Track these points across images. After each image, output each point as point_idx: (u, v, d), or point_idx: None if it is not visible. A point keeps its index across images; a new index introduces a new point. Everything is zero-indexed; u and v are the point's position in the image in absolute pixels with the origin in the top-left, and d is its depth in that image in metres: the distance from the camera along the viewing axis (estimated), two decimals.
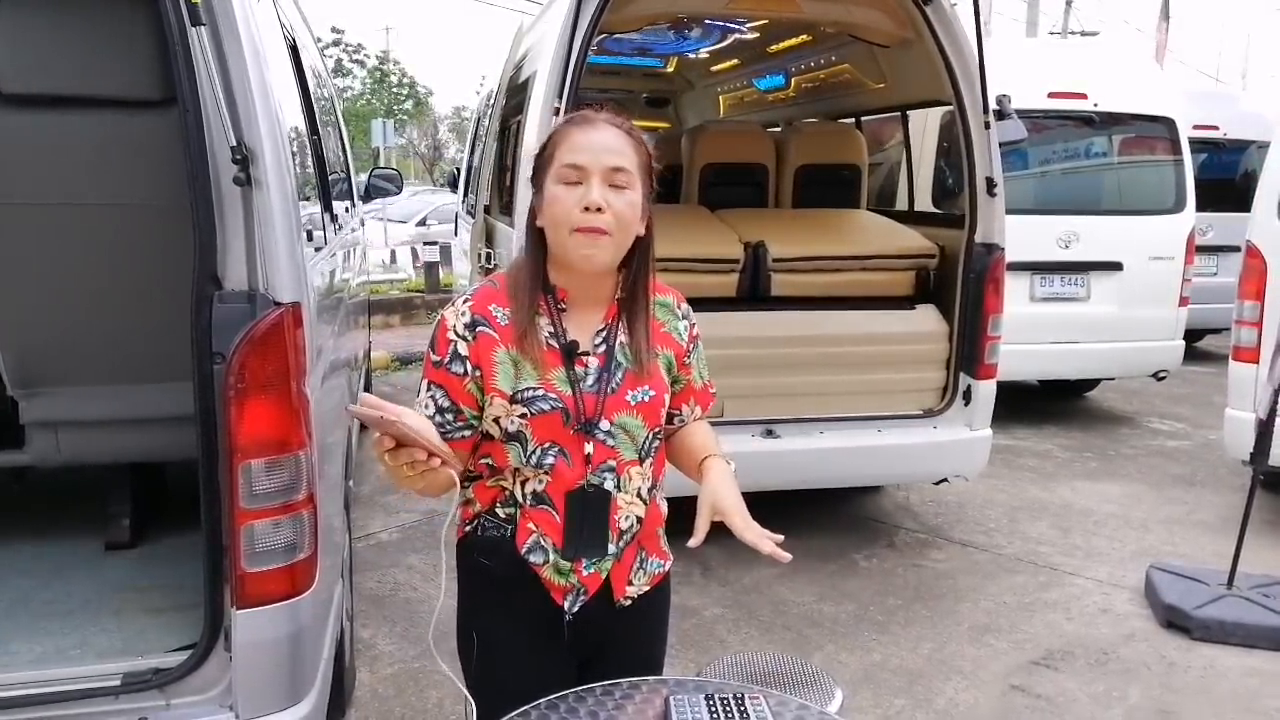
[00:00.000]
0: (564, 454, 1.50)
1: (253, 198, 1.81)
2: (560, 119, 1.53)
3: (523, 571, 1.54)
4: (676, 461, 1.68)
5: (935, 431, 4.15)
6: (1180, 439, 6.34)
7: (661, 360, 1.59)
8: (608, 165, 1.43)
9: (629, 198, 1.45)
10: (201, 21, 1.72)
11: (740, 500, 1.54)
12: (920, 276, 4.36)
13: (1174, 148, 6.46)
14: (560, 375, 1.50)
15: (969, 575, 4.10)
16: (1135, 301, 6.27)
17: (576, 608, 1.56)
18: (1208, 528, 4.65)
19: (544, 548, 1.53)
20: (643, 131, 1.55)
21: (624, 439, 1.53)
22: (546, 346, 1.50)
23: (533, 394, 1.48)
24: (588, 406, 1.50)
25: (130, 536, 2.50)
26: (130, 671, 1.87)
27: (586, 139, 1.45)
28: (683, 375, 1.64)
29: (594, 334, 1.54)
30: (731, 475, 1.58)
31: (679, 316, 1.65)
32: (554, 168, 1.46)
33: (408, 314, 9.76)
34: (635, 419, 1.54)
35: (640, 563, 1.61)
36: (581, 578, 1.55)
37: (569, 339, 1.52)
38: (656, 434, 1.59)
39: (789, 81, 6.03)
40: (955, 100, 4.02)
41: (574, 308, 1.54)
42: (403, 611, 3.67)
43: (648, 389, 1.55)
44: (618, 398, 1.53)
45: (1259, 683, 3.21)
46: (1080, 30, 20.51)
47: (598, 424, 1.51)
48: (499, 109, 4.59)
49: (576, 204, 1.42)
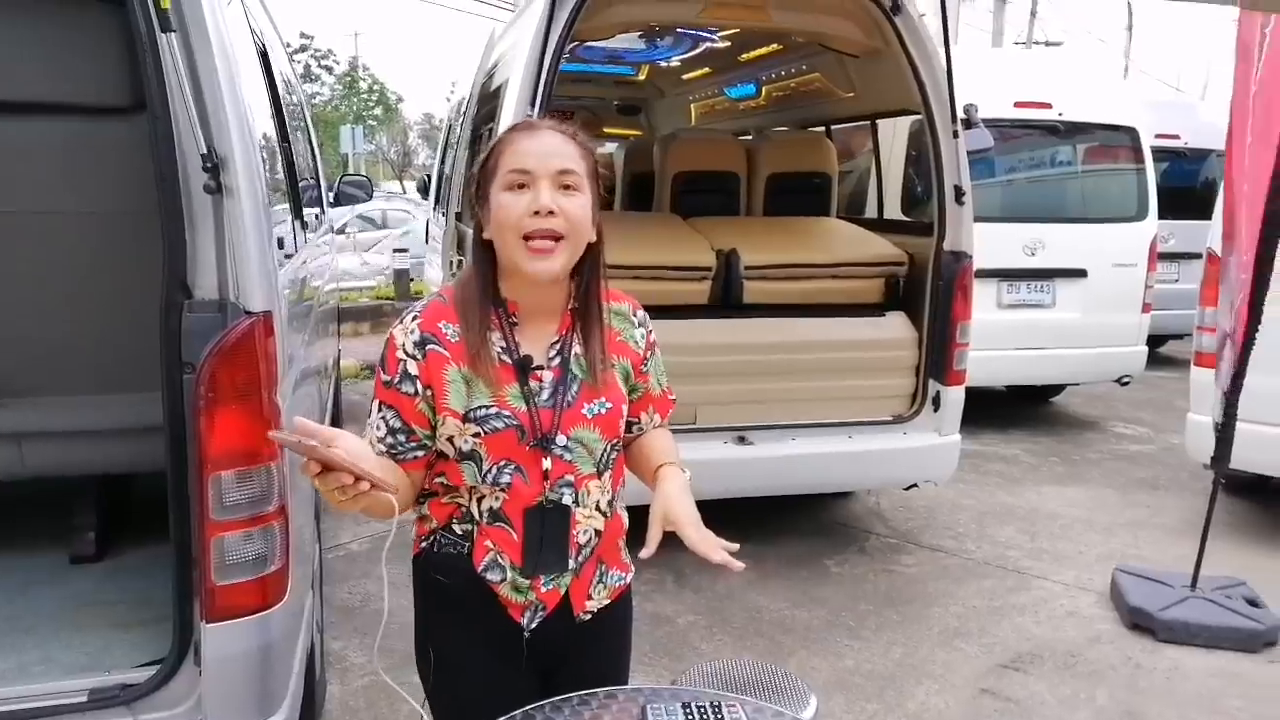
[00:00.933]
0: (520, 471, 1.48)
1: (224, 205, 1.80)
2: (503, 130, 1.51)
3: (480, 589, 1.52)
4: (634, 469, 1.66)
5: (905, 437, 4.18)
6: (1144, 443, 6.45)
7: (618, 370, 1.57)
8: (556, 168, 1.40)
9: (579, 200, 1.42)
10: (172, 28, 1.70)
11: (693, 509, 1.52)
12: (890, 284, 4.39)
13: (1137, 156, 6.58)
14: (514, 391, 1.47)
15: (939, 580, 4.14)
16: (1099, 308, 6.37)
17: (535, 624, 1.55)
18: (1171, 531, 4.72)
19: (501, 565, 1.51)
20: (589, 138, 1.51)
21: (581, 453, 1.51)
22: (499, 363, 1.47)
23: (486, 412, 1.45)
24: (543, 422, 1.48)
25: (96, 550, 2.46)
26: (97, 688, 1.84)
27: (532, 144, 1.42)
28: (640, 384, 1.62)
29: (548, 346, 1.51)
30: (685, 484, 1.57)
31: (635, 324, 1.62)
32: (499, 175, 1.42)
33: (378, 321, 9.70)
34: (592, 432, 1.51)
35: (600, 576, 1.60)
36: (540, 594, 1.53)
37: (522, 354, 1.49)
38: (614, 446, 1.57)
39: (760, 90, 6.07)
40: (924, 109, 4.06)
41: (526, 321, 1.51)
42: (373, 623, 3.63)
43: (604, 401, 1.52)
44: (574, 411, 1.50)
45: (1223, 683, 3.26)
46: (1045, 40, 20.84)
47: (554, 439, 1.48)
48: (470, 116, 4.58)
49: (526, 209, 1.39)
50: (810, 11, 4.14)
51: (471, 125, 4.71)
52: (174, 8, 1.70)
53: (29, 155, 2.07)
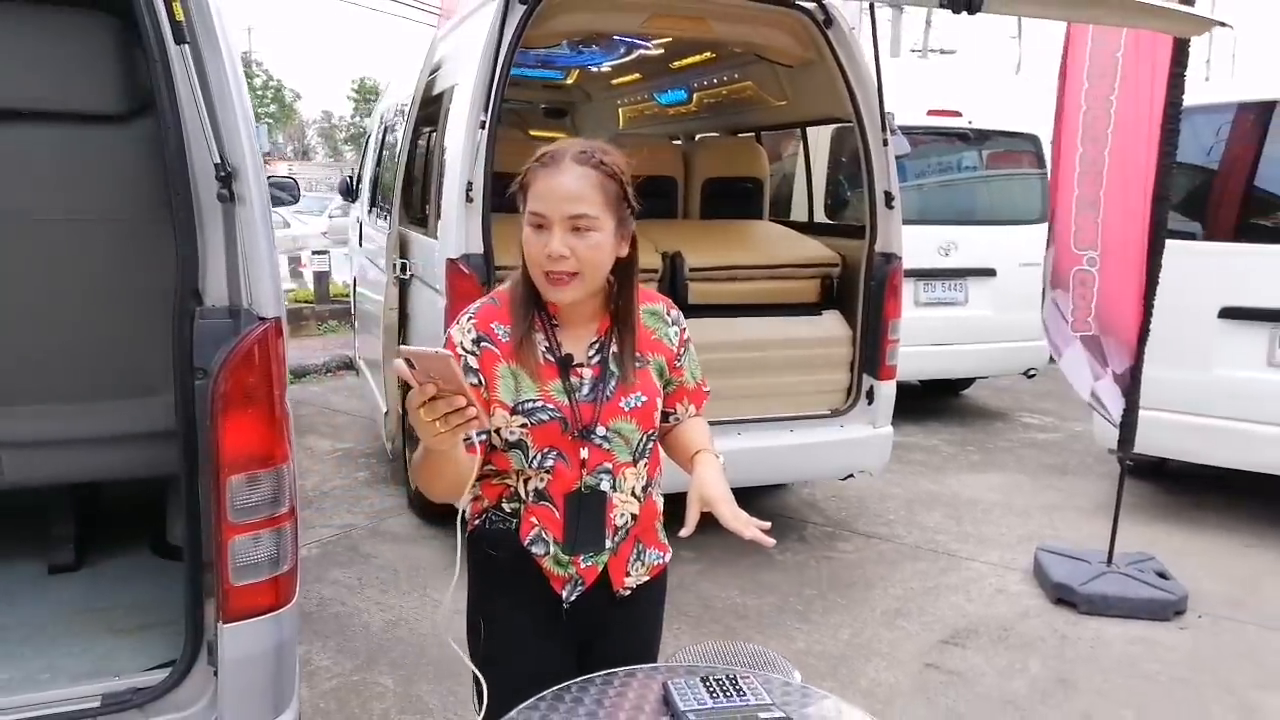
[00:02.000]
0: (563, 457, 1.61)
1: (235, 213, 1.83)
2: (534, 156, 1.59)
3: (526, 561, 1.65)
4: (672, 456, 1.78)
5: (842, 430, 4.39)
6: (1050, 431, 6.86)
7: (653, 366, 1.70)
8: (568, 213, 1.51)
9: (592, 240, 1.53)
10: (186, 39, 1.73)
11: (728, 491, 1.64)
12: (825, 284, 4.60)
13: (1039, 161, 6.99)
14: (557, 386, 1.60)
15: (876, 564, 4.36)
16: (1008, 305, 6.75)
17: (574, 597, 1.68)
18: (1082, 512, 5.07)
19: (545, 540, 1.65)
20: (615, 159, 1.58)
21: (619, 443, 1.64)
22: (544, 360, 1.61)
23: (532, 405, 1.59)
24: (584, 415, 1.61)
25: (74, 558, 2.43)
26: (109, 692, 1.85)
27: (549, 185, 1.52)
28: (675, 378, 1.74)
29: (588, 346, 1.65)
30: (720, 468, 1.69)
31: (669, 323, 1.75)
32: (525, 209, 1.56)
33: (296, 326, 9.49)
34: (629, 424, 1.64)
35: (638, 555, 1.73)
36: (579, 570, 1.66)
37: (564, 353, 1.62)
38: (650, 436, 1.69)
39: (691, 96, 6.23)
40: (855, 118, 4.28)
41: (566, 324, 1.64)
42: (333, 626, 3.64)
43: (640, 395, 1.65)
44: (612, 405, 1.63)
45: (1141, 649, 3.56)
46: (940, 49, 21.68)
47: (594, 430, 1.62)
48: (412, 119, 4.59)
49: (543, 250, 1.53)
50: (748, 23, 4.30)
51: (411, 127, 4.72)
52: (188, 19, 1.73)
53: (18, 161, 2.05)
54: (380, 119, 6.31)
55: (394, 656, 3.41)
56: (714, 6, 4.09)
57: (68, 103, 2.01)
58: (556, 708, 1.52)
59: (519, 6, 3.68)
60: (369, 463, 5.73)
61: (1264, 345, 4.51)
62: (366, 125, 8.97)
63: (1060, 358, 4.22)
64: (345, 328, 9.27)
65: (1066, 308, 4.10)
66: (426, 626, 3.62)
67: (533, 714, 1.48)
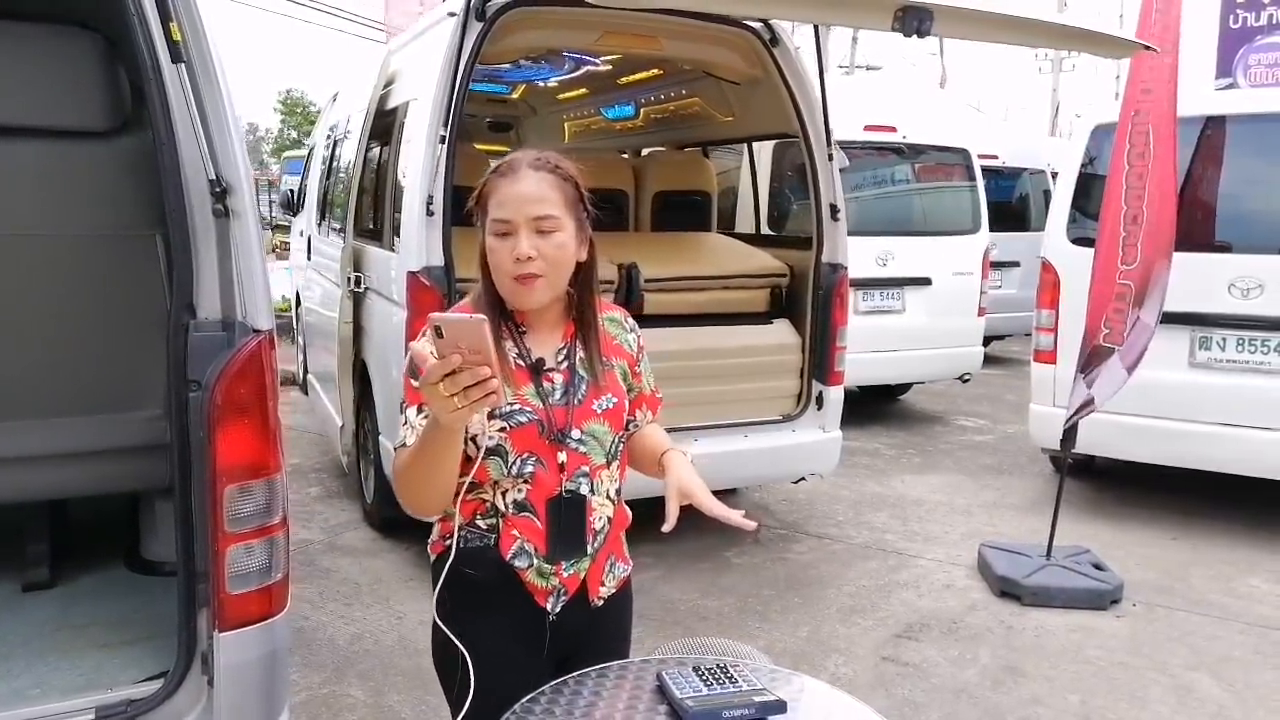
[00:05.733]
0: (541, 463, 1.62)
1: (229, 228, 1.86)
2: (491, 168, 1.64)
3: (507, 577, 1.65)
4: (635, 462, 1.79)
5: (794, 434, 4.53)
6: (985, 434, 7.12)
7: (617, 369, 1.74)
8: (532, 215, 1.56)
9: (557, 240, 1.57)
10: (183, 59, 1.76)
11: (703, 483, 1.67)
12: (774, 294, 4.74)
13: (969, 175, 7.29)
14: (531, 390, 1.63)
15: (829, 564, 4.50)
16: (942, 312, 7.01)
17: (559, 608, 1.68)
18: (1019, 509, 5.29)
19: (528, 552, 1.64)
20: (570, 165, 1.64)
21: (594, 445, 1.67)
22: (515, 366, 1.63)
23: (510, 408, 1.60)
24: (558, 418, 1.63)
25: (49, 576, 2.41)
26: (103, 705, 1.85)
27: (511, 191, 1.57)
28: (635, 383, 1.78)
29: (556, 353, 1.68)
30: (690, 463, 1.72)
31: (627, 330, 1.80)
32: (487, 219, 1.59)
33: None
34: (603, 425, 1.68)
35: (610, 566, 1.75)
36: (562, 579, 1.67)
37: (535, 358, 1.65)
38: (620, 437, 1.73)
39: (638, 111, 6.35)
40: (800, 133, 4.44)
41: (533, 330, 1.67)
42: (298, 640, 3.61)
43: (610, 396, 1.69)
44: (584, 408, 1.67)
45: (1082, 637, 3.75)
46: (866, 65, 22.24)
47: (569, 433, 1.64)
48: (365, 133, 4.61)
49: (509, 255, 1.56)
50: (697, 42, 4.42)
51: (364, 141, 4.74)
52: (184, 40, 1.77)
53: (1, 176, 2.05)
54: (328, 132, 6.29)
55: (362, 669, 3.42)
56: (665, 25, 4.20)
57: (53, 119, 2.02)
58: (557, 700, 1.57)
59: (477, 23, 3.75)
60: (321, 478, 5.69)
61: (1185, 347, 4.78)
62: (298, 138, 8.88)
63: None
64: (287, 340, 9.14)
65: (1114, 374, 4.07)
66: (393, 639, 3.63)
67: (534, 707, 1.53)
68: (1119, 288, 3.94)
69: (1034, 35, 2.77)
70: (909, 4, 2.51)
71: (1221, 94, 5.45)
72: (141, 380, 2.27)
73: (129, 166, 2.12)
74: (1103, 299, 4.02)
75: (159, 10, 1.73)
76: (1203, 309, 4.71)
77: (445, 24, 3.90)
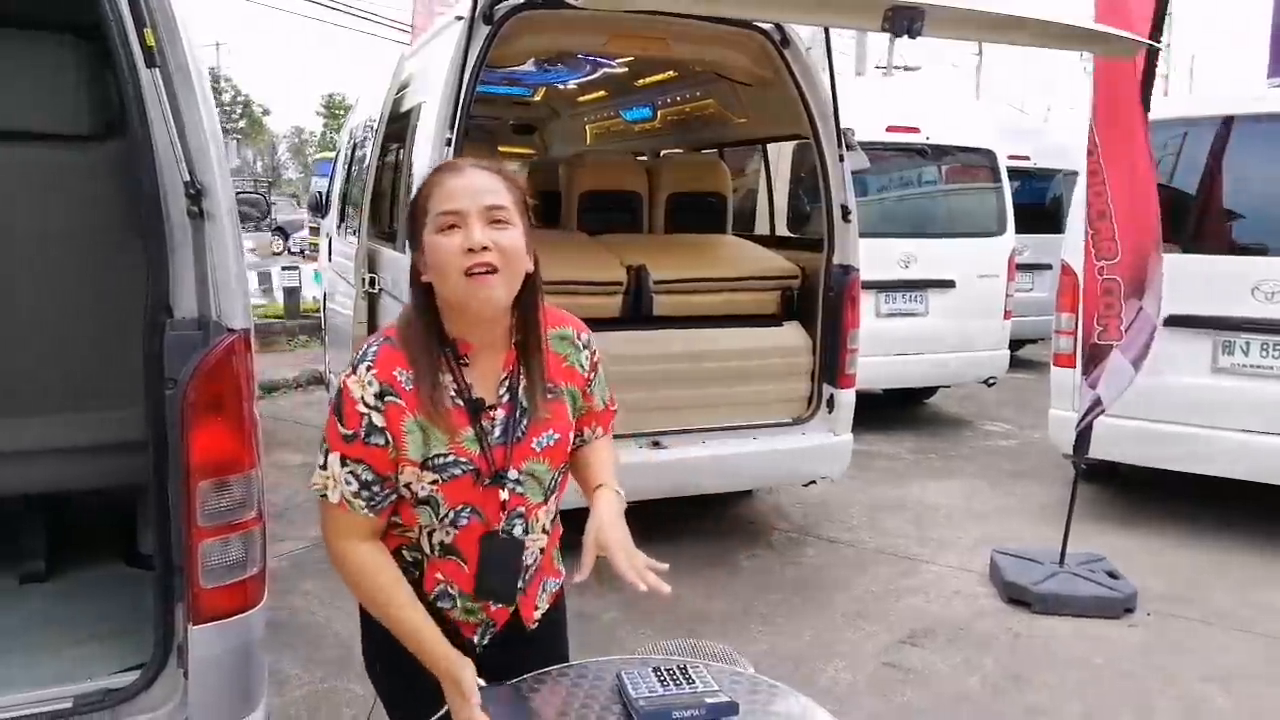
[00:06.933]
0: (477, 513, 1.54)
1: (204, 230, 1.90)
2: (429, 171, 1.58)
3: (431, 611, 1.56)
4: (576, 477, 1.73)
5: (804, 437, 4.50)
6: (1009, 439, 7.02)
7: (566, 396, 1.64)
8: (485, 204, 1.45)
9: (511, 234, 1.47)
10: (156, 64, 1.80)
11: (624, 535, 1.58)
12: (785, 296, 4.72)
13: (995, 176, 7.19)
14: (469, 435, 1.51)
15: (839, 568, 4.47)
16: (966, 315, 6.92)
17: (486, 640, 1.65)
18: (1038, 515, 5.21)
19: (451, 595, 1.60)
20: (513, 172, 1.58)
21: (532, 484, 1.59)
22: (452, 405, 1.51)
23: (444, 460, 1.50)
24: (496, 458, 1.54)
25: (45, 569, 2.48)
26: (81, 694, 1.90)
27: (459, 184, 1.47)
28: (586, 404, 1.70)
29: (497, 384, 1.56)
30: (619, 509, 1.62)
31: (580, 347, 1.67)
32: (430, 218, 1.47)
33: (268, 340, 9.50)
34: (541, 464, 1.59)
35: (543, 588, 1.71)
36: (490, 614, 1.63)
37: (475, 395, 1.53)
38: (561, 470, 1.65)
39: (655, 113, 6.36)
40: (811, 134, 4.41)
41: (475, 360, 1.54)
42: (303, 636, 3.69)
43: (552, 433, 1.60)
44: (524, 446, 1.57)
45: (1090, 645, 3.68)
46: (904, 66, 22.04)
47: (506, 474, 1.55)
48: (380, 136, 4.67)
49: (459, 249, 1.43)
50: (707, 44, 4.42)
51: (380, 143, 4.81)
52: (159, 45, 1.81)
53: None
54: (349, 135, 6.38)
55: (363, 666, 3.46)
56: (673, 27, 4.21)
57: (43, 124, 2.08)
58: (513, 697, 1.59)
59: (484, 26, 3.78)
60: None
61: (1208, 352, 4.68)
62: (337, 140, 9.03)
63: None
64: (316, 342, 9.29)
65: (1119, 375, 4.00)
66: None
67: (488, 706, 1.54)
68: (1104, 283, 3.88)
69: (1028, 34, 2.73)
70: (898, 4, 2.49)
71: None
72: (133, 377, 2.32)
73: (117, 169, 2.17)
74: (1091, 297, 3.98)
75: (134, 16, 1.77)
76: (1226, 313, 4.60)
77: (453, 28, 3.95)
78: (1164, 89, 25.67)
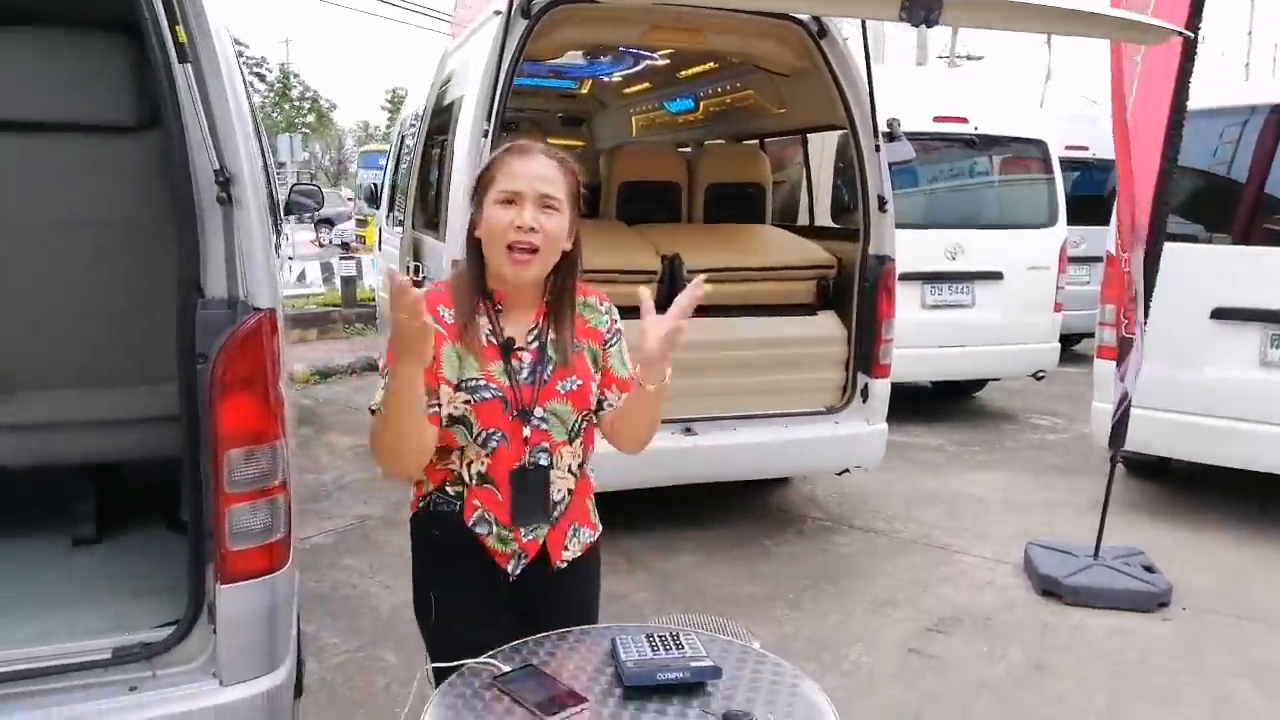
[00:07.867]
0: (505, 439, 1.74)
1: (233, 215, 2.03)
2: (502, 147, 1.78)
3: (470, 541, 1.78)
4: (629, 432, 1.83)
5: (837, 426, 4.52)
6: (1057, 433, 6.92)
7: (587, 352, 1.82)
8: (540, 191, 1.69)
9: (556, 220, 1.70)
10: (188, 59, 1.93)
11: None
12: (821, 285, 4.74)
13: (1046, 167, 7.07)
14: (499, 368, 1.73)
15: (870, 556, 4.48)
16: (1015, 308, 6.84)
17: (519, 571, 1.80)
18: (1080, 509, 5.13)
19: (488, 521, 1.77)
20: (573, 162, 1.79)
21: (556, 423, 1.77)
22: (486, 343, 1.74)
23: (476, 383, 1.72)
24: (524, 396, 1.74)
25: (95, 533, 2.65)
26: (119, 646, 2.04)
27: (523, 167, 1.70)
28: (604, 363, 1.84)
29: (527, 332, 1.78)
30: None
31: (602, 312, 1.89)
32: (493, 190, 1.71)
33: (325, 328, 9.77)
34: (565, 405, 1.78)
35: (574, 532, 1.85)
36: (521, 544, 1.79)
37: (506, 336, 1.75)
38: (585, 416, 1.81)
39: (698, 105, 6.41)
40: (849, 124, 4.43)
41: (509, 310, 1.78)
42: (344, 607, 3.84)
43: (575, 379, 1.78)
44: (549, 388, 1.77)
45: (1121, 639, 3.65)
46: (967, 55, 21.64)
47: (533, 411, 1.75)
48: (424, 129, 4.81)
49: (511, 223, 1.67)
50: (743, 35, 4.46)
51: (425, 137, 4.94)
52: (190, 41, 1.93)
53: (40, 169, 2.27)
54: (400, 129, 6.56)
55: (399, 636, 3.60)
56: (710, 19, 4.25)
57: (90, 115, 2.23)
58: (513, 659, 1.68)
59: (521, 21, 3.88)
60: None
61: (1256, 345, 4.57)
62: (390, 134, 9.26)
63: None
64: (372, 330, 9.54)
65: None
66: None
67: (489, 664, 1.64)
68: (1124, 277, 3.87)
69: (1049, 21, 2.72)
70: None
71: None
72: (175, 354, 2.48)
73: (159, 158, 2.32)
74: (1119, 288, 3.97)
75: (167, 14, 1.90)
76: (1275, 305, 4.49)
77: (492, 23, 4.05)
78: (1245, 78, 24.78)
